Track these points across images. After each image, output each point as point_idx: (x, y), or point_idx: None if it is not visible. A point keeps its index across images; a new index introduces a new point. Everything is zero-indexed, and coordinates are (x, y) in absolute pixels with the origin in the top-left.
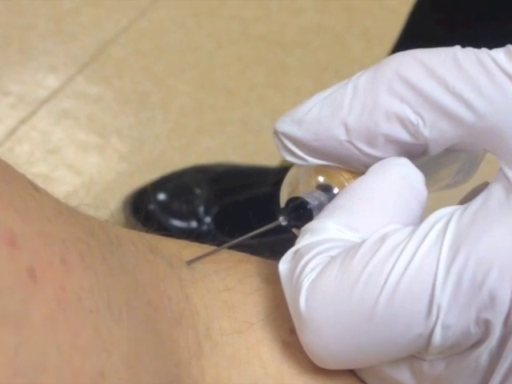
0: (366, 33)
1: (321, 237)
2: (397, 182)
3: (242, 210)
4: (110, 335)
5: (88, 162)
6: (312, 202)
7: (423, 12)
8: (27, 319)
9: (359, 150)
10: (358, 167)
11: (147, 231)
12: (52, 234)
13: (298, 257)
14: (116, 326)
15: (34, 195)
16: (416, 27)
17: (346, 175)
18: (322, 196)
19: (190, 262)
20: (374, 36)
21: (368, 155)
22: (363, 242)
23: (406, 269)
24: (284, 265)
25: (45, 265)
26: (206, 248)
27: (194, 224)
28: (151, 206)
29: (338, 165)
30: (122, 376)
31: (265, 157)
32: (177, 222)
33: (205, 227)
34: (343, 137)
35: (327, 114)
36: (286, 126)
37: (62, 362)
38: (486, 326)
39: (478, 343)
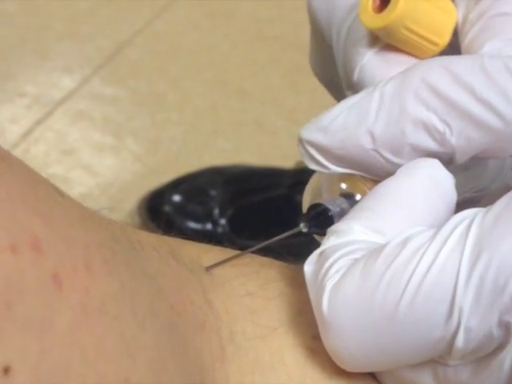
0: None
1: (346, 239)
2: (425, 184)
3: (257, 211)
4: (135, 341)
5: (103, 163)
6: (334, 209)
7: None
8: (52, 325)
9: (384, 158)
10: (381, 175)
11: (167, 235)
12: (76, 239)
13: (322, 259)
14: (140, 332)
15: (58, 200)
16: None
17: (369, 184)
18: (344, 203)
19: (208, 268)
20: None
21: (393, 164)
22: (386, 244)
23: (427, 271)
24: (309, 266)
25: (69, 270)
26: (227, 252)
27: (209, 226)
28: (166, 208)
29: (361, 173)
30: (147, 382)
31: (280, 158)
32: (192, 224)
33: (220, 229)
34: (369, 145)
35: (353, 122)
36: (311, 133)
37: (87, 368)
38: (508, 328)
39: (500, 347)
